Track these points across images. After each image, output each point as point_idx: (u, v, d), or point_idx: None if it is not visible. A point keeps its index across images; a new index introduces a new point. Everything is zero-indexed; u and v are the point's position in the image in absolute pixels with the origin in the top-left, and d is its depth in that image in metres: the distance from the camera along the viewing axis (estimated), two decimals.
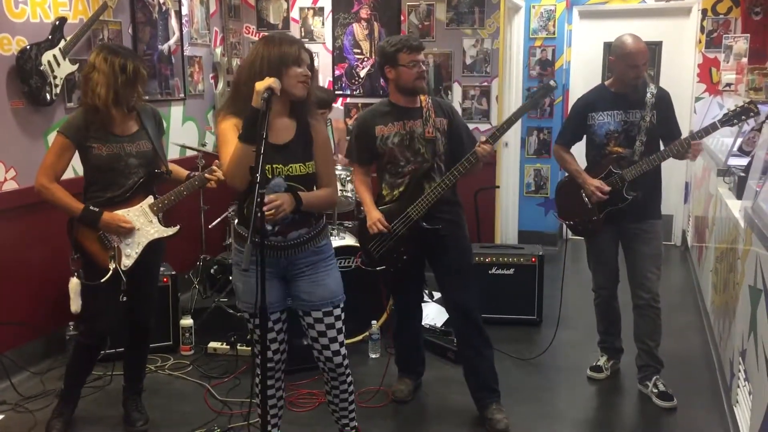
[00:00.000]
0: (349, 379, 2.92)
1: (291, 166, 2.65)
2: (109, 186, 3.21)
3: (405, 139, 3.40)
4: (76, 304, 3.31)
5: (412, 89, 3.40)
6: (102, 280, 3.18)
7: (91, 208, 3.16)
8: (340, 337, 2.83)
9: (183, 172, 3.45)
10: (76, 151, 3.19)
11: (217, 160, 3.40)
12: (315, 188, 2.74)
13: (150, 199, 3.30)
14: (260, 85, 2.47)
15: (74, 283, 3.31)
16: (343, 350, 2.85)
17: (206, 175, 3.32)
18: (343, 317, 2.85)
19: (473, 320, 3.49)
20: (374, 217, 3.42)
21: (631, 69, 3.56)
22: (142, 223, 3.27)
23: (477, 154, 3.29)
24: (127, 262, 3.23)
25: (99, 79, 3.07)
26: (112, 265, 3.20)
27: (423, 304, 3.85)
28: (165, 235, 3.33)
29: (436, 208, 3.38)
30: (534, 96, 3.49)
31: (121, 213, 3.22)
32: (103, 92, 3.07)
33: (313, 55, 2.76)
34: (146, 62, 4.91)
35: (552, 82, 3.49)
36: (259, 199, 2.36)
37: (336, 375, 2.87)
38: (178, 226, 3.38)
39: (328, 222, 2.91)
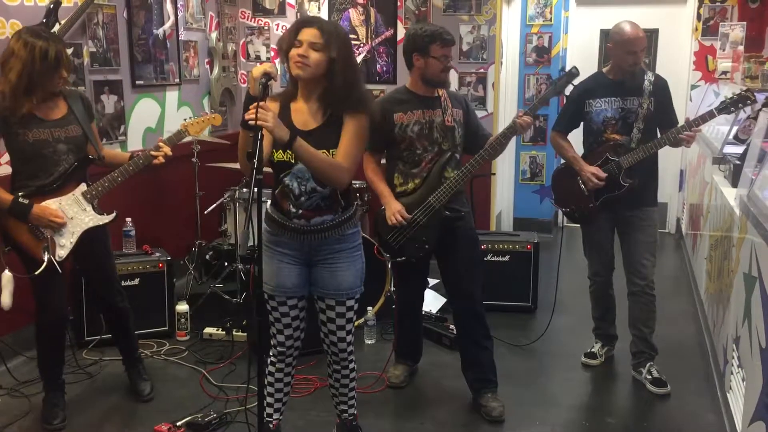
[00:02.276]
0: (352, 365, 2.93)
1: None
2: (37, 174, 3.10)
3: (424, 128, 3.37)
4: (7, 300, 3.17)
5: (437, 82, 3.37)
6: (36, 273, 3.07)
7: (20, 200, 3.04)
8: (348, 326, 2.84)
9: (123, 156, 3.37)
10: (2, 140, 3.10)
11: (160, 138, 3.38)
12: None
13: (83, 187, 3.20)
14: (256, 71, 2.45)
15: (6, 277, 3.14)
16: (349, 338, 2.86)
17: (151, 152, 3.23)
18: (356, 308, 2.84)
19: (477, 312, 3.49)
20: (395, 208, 3.37)
21: (629, 55, 3.56)
22: (76, 212, 3.17)
23: (516, 125, 3.26)
24: (61, 252, 3.14)
25: (14, 64, 2.92)
26: (45, 257, 3.08)
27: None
28: (100, 223, 3.23)
29: (452, 199, 3.38)
30: (557, 84, 3.39)
31: (54, 203, 3.12)
32: (14, 78, 2.92)
33: (334, 31, 2.58)
34: (141, 47, 4.90)
35: (574, 69, 3.36)
36: (256, 187, 2.34)
37: (338, 359, 2.89)
38: (114, 213, 3.29)
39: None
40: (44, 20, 3.98)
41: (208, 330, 4.34)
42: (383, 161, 3.58)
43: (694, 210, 5.83)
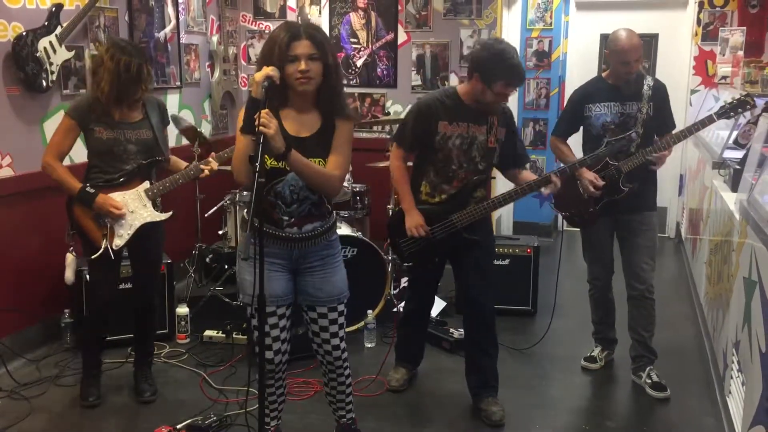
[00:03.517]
0: (347, 371, 2.93)
1: (310, 161, 2.58)
2: (107, 169, 3.38)
3: (465, 143, 3.30)
4: (70, 275, 3.62)
5: (485, 107, 3.28)
6: (92, 257, 3.37)
7: (87, 189, 3.31)
8: (341, 332, 2.84)
9: (182, 164, 3.62)
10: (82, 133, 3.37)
11: (214, 152, 3.57)
12: None
13: (146, 185, 3.44)
14: (259, 75, 2.44)
15: (70, 257, 3.62)
16: (343, 344, 2.86)
17: (201, 165, 3.48)
18: (345, 312, 2.85)
19: (488, 321, 3.48)
20: (416, 221, 3.33)
21: (622, 65, 3.57)
22: (136, 207, 3.41)
23: (547, 188, 3.29)
24: (118, 241, 3.38)
25: (104, 75, 3.23)
26: (104, 243, 3.35)
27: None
28: (157, 219, 3.47)
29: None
30: (614, 144, 3.57)
31: (118, 195, 3.36)
32: (107, 89, 3.24)
33: (324, 38, 2.57)
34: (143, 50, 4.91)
35: (633, 135, 3.57)
36: (257, 190, 2.35)
37: (334, 368, 2.89)
38: (170, 212, 3.52)
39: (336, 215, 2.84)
40: (46, 23, 4.00)
41: (208, 333, 4.34)
42: (410, 164, 3.53)
43: (693, 214, 5.84)
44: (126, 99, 3.31)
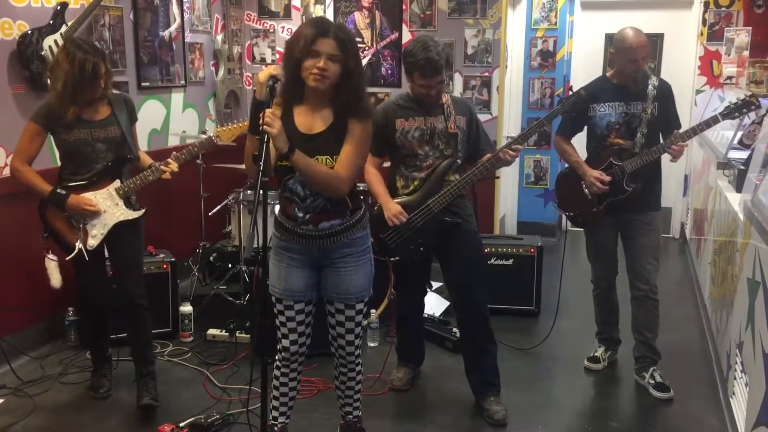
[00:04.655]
0: (358, 368, 2.94)
1: (318, 158, 2.58)
2: (78, 169, 3.36)
3: (425, 135, 3.38)
4: (55, 280, 3.47)
5: (424, 102, 3.38)
6: (67, 258, 3.37)
7: (58, 190, 3.30)
8: (357, 330, 2.85)
9: (150, 161, 3.54)
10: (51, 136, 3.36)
11: (175, 152, 3.50)
12: None
13: (116, 183, 3.41)
14: (262, 75, 2.45)
15: (51, 263, 3.49)
16: (357, 341, 2.87)
17: (161, 166, 3.42)
18: (364, 311, 2.86)
19: (481, 317, 3.49)
20: (393, 209, 3.38)
21: (630, 63, 3.56)
22: (109, 206, 3.38)
23: (501, 159, 3.33)
24: (92, 242, 3.37)
25: (58, 74, 3.20)
26: (78, 245, 3.33)
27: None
28: (130, 217, 3.43)
29: (452, 202, 3.40)
30: (564, 102, 3.52)
31: (89, 196, 3.34)
32: (60, 87, 3.20)
33: (350, 41, 2.56)
34: (147, 48, 4.92)
35: (582, 92, 3.51)
36: (261, 189, 2.35)
37: (345, 362, 2.91)
38: (143, 210, 3.48)
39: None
40: (51, 22, 4.01)
41: (211, 331, 4.35)
42: (386, 164, 3.58)
43: (698, 215, 5.82)
44: (81, 97, 3.24)
